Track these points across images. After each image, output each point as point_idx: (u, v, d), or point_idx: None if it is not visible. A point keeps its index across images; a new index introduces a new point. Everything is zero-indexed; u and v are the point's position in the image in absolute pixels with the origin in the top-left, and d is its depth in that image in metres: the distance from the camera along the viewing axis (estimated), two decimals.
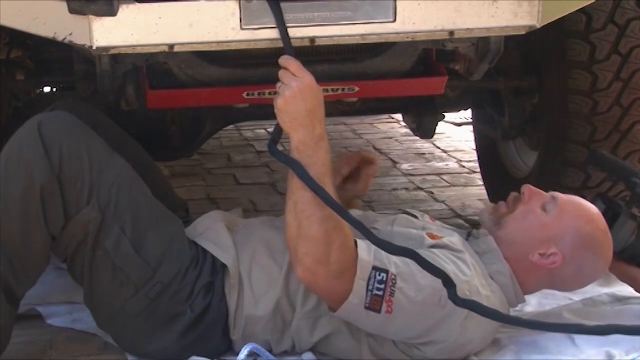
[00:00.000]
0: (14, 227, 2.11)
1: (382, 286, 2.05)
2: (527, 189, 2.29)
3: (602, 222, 2.27)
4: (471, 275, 2.13)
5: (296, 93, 2.04)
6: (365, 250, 2.07)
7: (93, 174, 2.15)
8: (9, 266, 2.13)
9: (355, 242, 2.09)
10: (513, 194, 2.33)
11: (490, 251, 2.24)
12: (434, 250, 2.17)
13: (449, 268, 2.10)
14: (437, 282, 2.05)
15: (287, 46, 2.07)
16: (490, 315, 2.08)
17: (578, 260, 2.23)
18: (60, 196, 2.12)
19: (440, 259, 2.12)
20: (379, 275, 2.05)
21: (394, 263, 2.07)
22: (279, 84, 2.07)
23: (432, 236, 2.23)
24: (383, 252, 2.07)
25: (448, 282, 2.03)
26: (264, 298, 2.22)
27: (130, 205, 2.19)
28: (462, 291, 2.07)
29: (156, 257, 2.19)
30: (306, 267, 2.06)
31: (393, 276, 2.05)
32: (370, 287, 2.05)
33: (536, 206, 2.25)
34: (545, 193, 2.29)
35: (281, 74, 2.06)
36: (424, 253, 2.09)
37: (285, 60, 2.06)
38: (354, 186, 2.45)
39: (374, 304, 2.06)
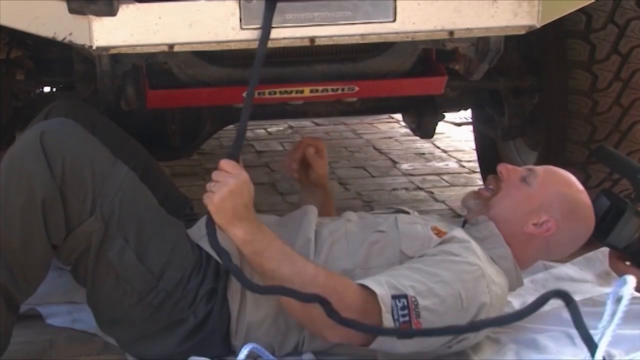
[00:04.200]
0: (15, 237, 2.09)
1: (405, 312, 2.03)
2: (503, 167, 2.36)
3: (579, 185, 2.36)
4: (483, 264, 2.16)
5: (234, 189, 2.05)
6: (378, 284, 2.05)
7: (96, 185, 2.13)
8: (9, 275, 2.12)
9: (358, 283, 2.07)
10: (490, 176, 2.40)
11: (491, 236, 2.28)
12: (434, 250, 2.18)
13: (459, 268, 2.11)
14: (455, 287, 2.08)
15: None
16: (445, 332, 2.08)
17: (570, 223, 2.30)
18: (63, 208, 2.10)
19: (443, 258, 2.14)
20: (399, 302, 2.04)
21: (410, 286, 2.06)
22: (211, 184, 2.07)
23: (437, 232, 2.26)
24: (394, 277, 2.07)
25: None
26: (266, 301, 2.20)
27: (134, 214, 2.18)
28: (483, 287, 2.11)
29: (160, 265, 2.18)
30: (333, 326, 2.02)
31: (413, 298, 2.04)
32: (395, 317, 2.03)
33: (516, 181, 2.32)
34: (520, 168, 2.38)
35: (216, 174, 2.07)
36: (430, 261, 2.12)
37: (221, 163, 2.08)
38: (312, 172, 2.51)
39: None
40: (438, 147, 4.68)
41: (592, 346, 1.84)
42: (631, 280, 1.91)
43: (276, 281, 2.06)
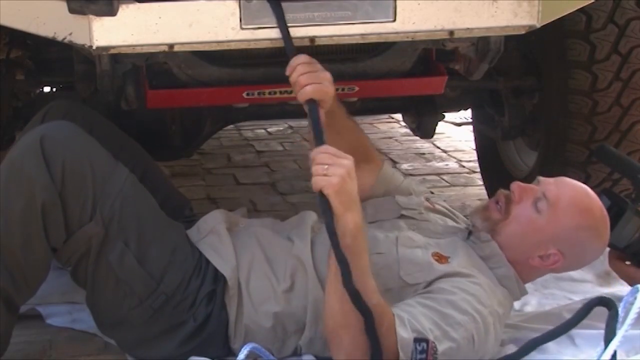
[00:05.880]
0: (15, 241, 2.09)
1: (423, 356, 2.00)
2: (517, 187, 2.27)
3: (595, 206, 2.26)
4: (490, 300, 2.15)
5: (350, 172, 1.97)
6: (403, 327, 2.02)
7: (96, 189, 2.13)
8: (9, 278, 2.12)
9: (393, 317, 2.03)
10: (502, 191, 2.31)
11: (494, 256, 2.25)
12: (443, 285, 2.14)
13: (472, 310, 2.09)
14: (469, 329, 2.07)
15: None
16: None
17: (577, 253, 2.27)
18: (62, 212, 2.10)
19: (455, 298, 2.11)
20: (419, 345, 2.00)
21: (429, 329, 2.04)
22: (323, 167, 1.96)
23: (439, 258, 2.21)
24: (415, 317, 2.04)
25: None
26: (263, 307, 2.20)
27: (134, 218, 2.17)
28: (494, 325, 2.12)
29: (160, 268, 2.18)
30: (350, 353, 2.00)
31: (433, 344, 2.01)
32: (413, 359, 2.00)
33: (528, 205, 2.24)
34: (535, 187, 2.27)
35: (323, 157, 1.97)
36: (443, 301, 2.09)
37: (323, 148, 1.99)
38: None
39: None
40: (438, 147, 4.68)
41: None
42: None
43: (339, 283, 1.98)
